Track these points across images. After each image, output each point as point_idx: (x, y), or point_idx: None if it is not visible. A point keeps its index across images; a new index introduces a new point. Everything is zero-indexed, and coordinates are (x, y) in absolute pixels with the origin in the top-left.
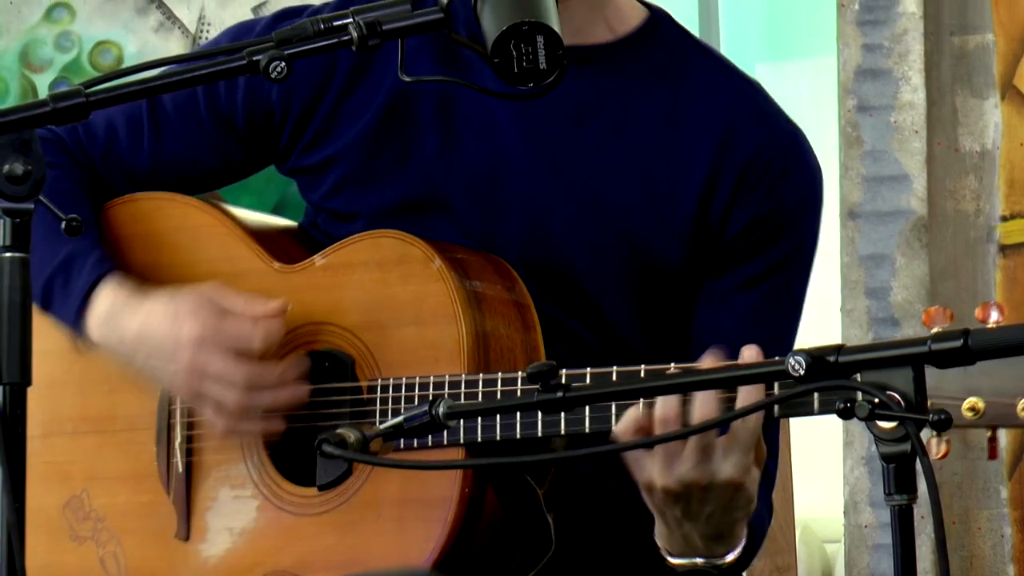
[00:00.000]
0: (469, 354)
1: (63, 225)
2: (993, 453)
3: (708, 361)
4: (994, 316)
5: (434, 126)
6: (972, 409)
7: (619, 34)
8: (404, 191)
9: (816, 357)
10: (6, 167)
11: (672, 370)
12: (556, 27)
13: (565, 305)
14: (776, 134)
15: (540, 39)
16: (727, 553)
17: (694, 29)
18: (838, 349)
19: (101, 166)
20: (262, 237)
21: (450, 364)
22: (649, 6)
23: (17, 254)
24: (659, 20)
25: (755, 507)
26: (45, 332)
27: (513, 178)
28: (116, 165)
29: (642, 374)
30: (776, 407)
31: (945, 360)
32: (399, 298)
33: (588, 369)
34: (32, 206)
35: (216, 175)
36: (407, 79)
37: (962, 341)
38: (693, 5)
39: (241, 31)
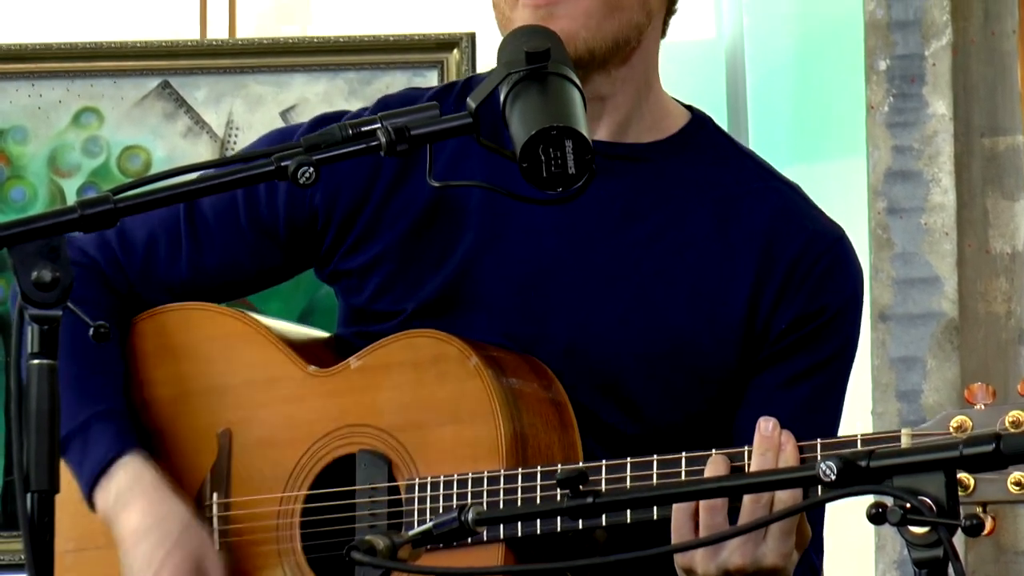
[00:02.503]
0: (508, 451)
1: (91, 332)
2: None
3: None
4: None
5: (479, 223)
6: (1018, 484)
7: (664, 134)
8: (443, 284)
9: (847, 462)
10: (35, 274)
11: (713, 456)
12: (585, 132)
13: (606, 404)
14: (820, 235)
15: (569, 144)
16: None
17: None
18: (869, 454)
19: (138, 280)
20: (295, 343)
21: (489, 462)
22: (690, 108)
23: (45, 361)
24: (702, 123)
25: None
26: None
27: (557, 280)
28: (154, 278)
29: (683, 462)
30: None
31: (977, 465)
32: (436, 397)
33: (628, 459)
34: (60, 313)
35: (254, 281)
36: (435, 184)
37: (994, 446)
38: (722, 106)
39: (281, 136)
